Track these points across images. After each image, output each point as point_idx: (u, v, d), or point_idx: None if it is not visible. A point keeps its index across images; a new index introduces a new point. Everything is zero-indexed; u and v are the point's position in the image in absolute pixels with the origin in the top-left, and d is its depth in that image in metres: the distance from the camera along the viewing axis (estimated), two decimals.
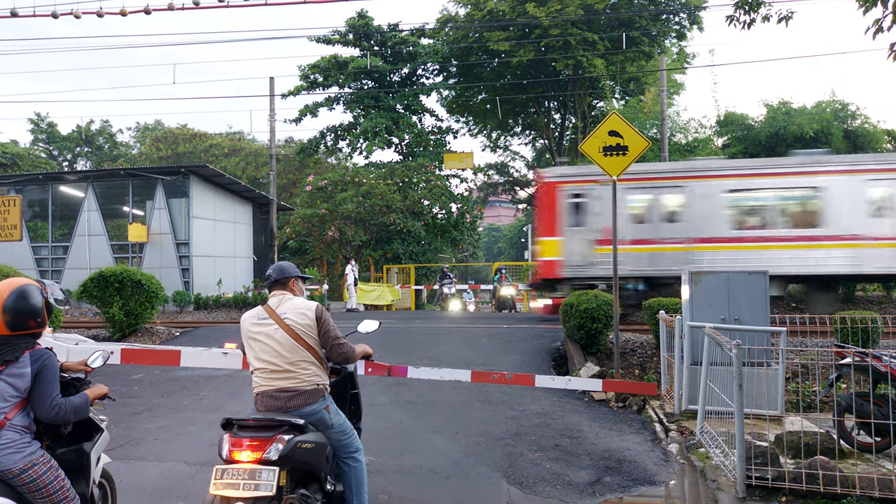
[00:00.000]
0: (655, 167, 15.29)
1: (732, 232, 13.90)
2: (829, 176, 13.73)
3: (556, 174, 15.26)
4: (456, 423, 6.88)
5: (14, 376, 2.96)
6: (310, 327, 3.60)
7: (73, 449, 3.32)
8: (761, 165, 14.69)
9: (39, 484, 2.91)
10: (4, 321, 3.01)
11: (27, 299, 3.07)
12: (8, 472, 2.83)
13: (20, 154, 35.93)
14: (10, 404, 2.93)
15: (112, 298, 11.92)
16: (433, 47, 29.19)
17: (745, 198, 14.20)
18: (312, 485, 3.47)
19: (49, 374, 3.03)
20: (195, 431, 6.47)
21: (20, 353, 3.00)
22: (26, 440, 2.95)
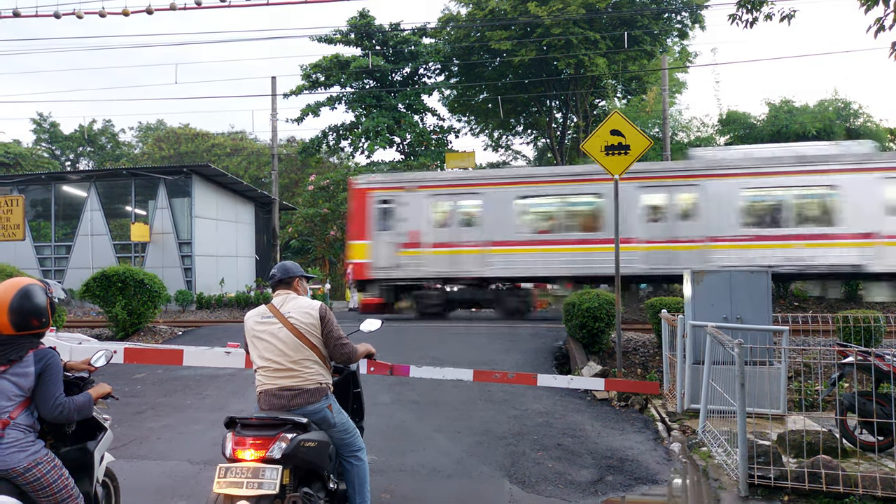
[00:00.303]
0: (457, 175, 16.46)
1: (527, 235, 15.16)
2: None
3: (366, 181, 16.34)
4: (458, 422, 6.88)
5: (18, 375, 2.97)
6: (314, 326, 3.61)
7: (77, 448, 3.34)
8: (546, 174, 16.15)
9: (43, 483, 2.93)
10: (9, 321, 3.02)
11: (31, 299, 3.08)
12: (12, 470, 2.85)
13: (23, 154, 36.01)
14: (13, 403, 2.95)
15: (115, 298, 11.94)
16: (435, 47, 29.19)
17: (536, 203, 15.52)
18: (315, 483, 3.48)
19: (53, 374, 3.05)
20: (198, 430, 6.48)
21: (24, 353, 3.01)
22: (30, 439, 2.97)
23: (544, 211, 15.42)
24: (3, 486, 2.83)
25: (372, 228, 15.59)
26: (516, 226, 15.08)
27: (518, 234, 15.01)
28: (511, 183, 15.32)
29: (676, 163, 17.03)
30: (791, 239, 13.90)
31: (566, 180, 15.27)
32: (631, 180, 13.84)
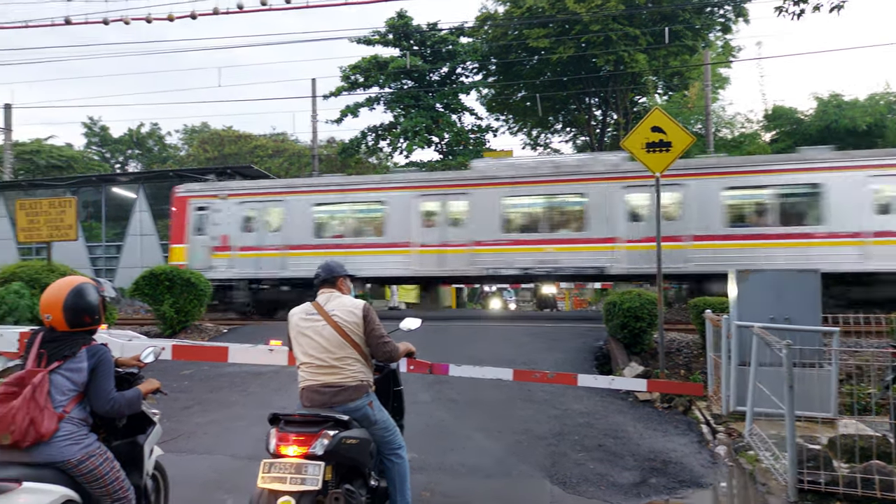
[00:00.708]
0: (262, 184, 17.89)
1: (316, 240, 16.04)
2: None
3: (185, 190, 17.30)
4: (498, 421, 6.87)
5: (72, 371, 3.06)
6: (356, 325, 3.65)
7: (128, 441, 3.44)
8: (338, 183, 16.86)
9: (96, 474, 3.02)
10: (64, 318, 3.13)
11: (84, 297, 3.19)
12: (67, 462, 2.94)
13: (75, 157, 37.26)
14: (68, 398, 3.04)
15: (163, 296, 12.26)
16: (472, 46, 29.15)
17: (329, 210, 16.56)
18: (357, 480, 3.52)
19: (105, 369, 3.14)
20: (243, 426, 6.62)
21: (77, 349, 3.10)
22: (83, 432, 3.06)
23: (338, 217, 16.55)
24: (60, 476, 2.92)
25: (189, 233, 16.73)
26: (312, 231, 16.23)
27: (315, 239, 16.09)
28: (308, 191, 16.63)
29: (453, 172, 18.44)
30: (545, 243, 14.89)
31: (356, 189, 16.53)
32: (411, 189, 15.78)
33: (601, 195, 14.62)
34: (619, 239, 14.42)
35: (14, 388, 2.96)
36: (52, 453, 2.91)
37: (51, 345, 3.11)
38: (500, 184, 15.30)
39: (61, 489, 2.88)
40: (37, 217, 11.28)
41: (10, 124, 25.20)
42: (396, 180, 16.39)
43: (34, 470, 2.82)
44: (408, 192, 15.58)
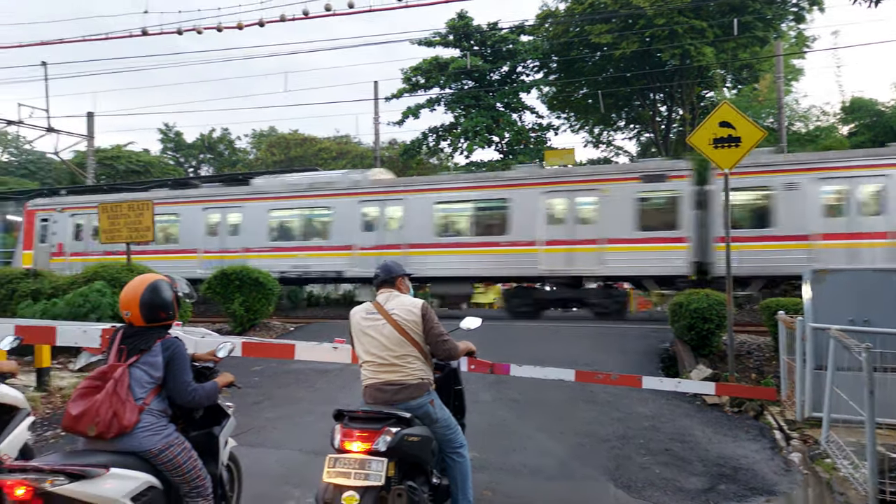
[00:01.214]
0: (90, 199, 19.39)
1: (272, 243, 17.35)
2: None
3: (33, 204, 20.21)
4: (560, 422, 6.81)
5: (148, 364, 3.22)
6: (416, 324, 3.70)
7: (205, 432, 3.61)
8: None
9: (176, 463, 3.17)
10: (140, 314, 3.30)
11: (159, 293, 3.35)
12: (149, 452, 3.10)
13: (151, 162, 39.01)
14: (147, 390, 3.20)
15: (233, 295, 12.70)
16: (533, 44, 28.92)
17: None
18: (419, 477, 3.56)
19: (180, 361, 3.30)
20: (309, 421, 6.79)
21: (152, 343, 3.27)
22: (163, 423, 3.22)
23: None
24: (143, 464, 3.08)
25: (35, 241, 19.66)
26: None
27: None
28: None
29: (235, 187, 19.36)
30: (300, 250, 16.91)
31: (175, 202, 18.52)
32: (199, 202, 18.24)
33: (344, 208, 16.67)
34: (355, 246, 16.37)
35: (97, 383, 3.13)
36: (134, 443, 3.07)
37: (129, 340, 3.29)
38: (269, 198, 17.71)
39: (144, 476, 3.04)
40: (117, 219, 11.89)
41: (93, 132, 26.62)
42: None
43: (120, 457, 2.99)
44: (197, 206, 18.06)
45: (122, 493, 2.88)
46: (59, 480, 2.69)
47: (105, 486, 2.81)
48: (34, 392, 7.79)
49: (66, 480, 2.71)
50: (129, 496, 2.91)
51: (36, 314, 9.62)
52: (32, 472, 2.70)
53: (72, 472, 2.73)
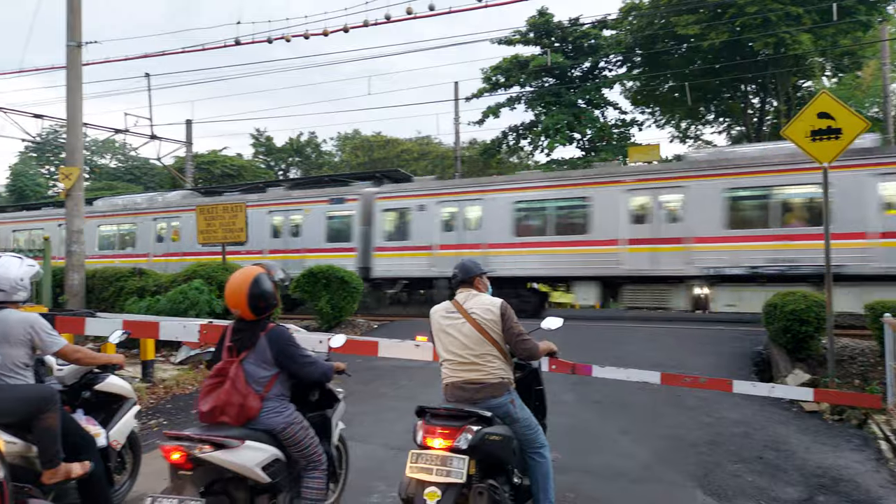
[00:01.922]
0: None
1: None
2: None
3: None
4: (644, 425, 6.65)
5: (259, 359, 3.49)
6: (494, 322, 3.71)
7: (319, 414, 3.97)
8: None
9: (295, 439, 3.51)
10: (249, 307, 3.53)
11: (261, 285, 3.59)
12: (273, 429, 3.46)
13: (244, 166, 40.91)
14: (265, 379, 3.48)
15: (320, 293, 13.14)
16: (616, 38, 28.26)
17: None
18: (500, 476, 3.58)
19: (290, 347, 3.57)
20: (393, 417, 6.94)
21: (256, 338, 3.51)
22: (284, 405, 3.55)
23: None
24: (270, 439, 3.44)
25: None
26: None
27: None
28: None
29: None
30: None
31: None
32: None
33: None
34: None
35: (218, 379, 3.46)
36: (260, 425, 3.43)
37: (238, 336, 3.55)
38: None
39: (272, 449, 3.42)
40: (213, 221, 12.56)
41: (191, 138, 28.20)
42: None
43: (252, 432, 3.37)
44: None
45: (254, 462, 3.28)
46: (206, 448, 3.14)
47: (241, 456, 3.23)
48: (140, 383, 8.36)
49: (212, 448, 3.15)
50: (260, 465, 3.30)
51: (141, 310, 10.30)
52: (185, 440, 3.16)
53: (215, 441, 3.17)
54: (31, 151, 46.61)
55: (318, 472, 3.61)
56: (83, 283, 11.71)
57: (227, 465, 3.21)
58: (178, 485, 3.14)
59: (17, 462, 3.33)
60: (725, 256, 13.58)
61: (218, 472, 3.23)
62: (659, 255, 14.32)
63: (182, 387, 8.72)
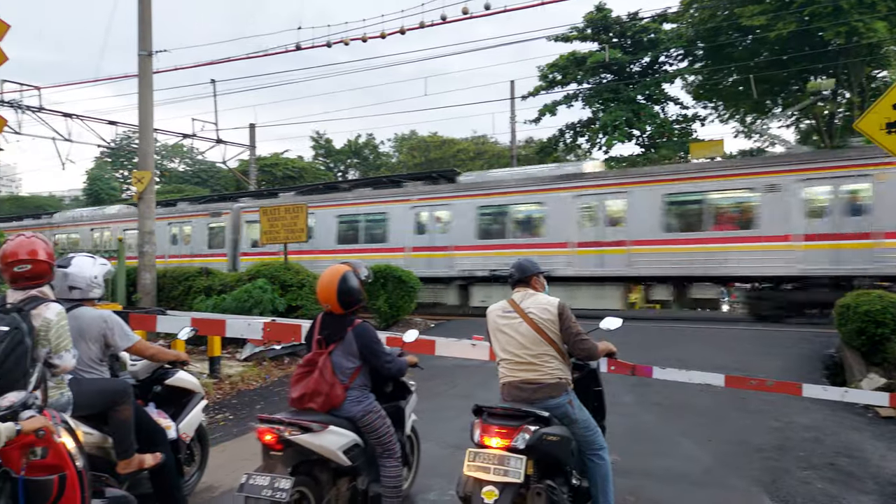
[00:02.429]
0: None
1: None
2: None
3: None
4: (707, 428, 6.48)
5: (345, 352, 3.81)
6: (552, 322, 3.69)
7: (393, 405, 4.24)
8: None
9: (373, 427, 3.82)
10: (338, 303, 3.84)
11: (349, 282, 3.89)
12: (353, 417, 3.77)
13: (305, 168, 41.88)
14: (349, 370, 3.79)
15: (378, 292, 13.32)
16: (677, 31, 27.53)
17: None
18: (559, 477, 3.56)
19: (373, 343, 3.88)
20: (450, 416, 6.97)
21: (344, 332, 3.85)
22: (365, 394, 3.87)
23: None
24: (351, 426, 3.74)
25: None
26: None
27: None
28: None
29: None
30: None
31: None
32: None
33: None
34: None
35: (308, 368, 3.79)
36: (342, 412, 3.74)
37: (326, 330, 3.88)
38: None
39: (352, 435, 3.72)
40: (276, 222, 12.91)
41: (254, 141, 29.03)
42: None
43: (334, 418, 3.68)
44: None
45: (336, 445, 3.59)
46: (295, 431, 3.42)
47: (325, 439, 3.54)
48: (207, 378, 8.68)
49: (299, 431, 3.43)
50: (341, 449, 3.61)
51: (208, 308, 10.69)
52: (276, 423, 3.44)
53: (303, 425, 3.46)
54: (107, 157, 48.95)
55: (393, 460, 3.88)
56: (154, 282, 12.23)
57: (313, 447, 3.48)
58: (269, 464, 3.41)
59: (94, 452, 3.51)
60: (478, 261, 16.45)
61: (304, 453, 3.49)
62: (432, 260, 17.25)
63: (247, 383, 9.01)
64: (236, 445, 6.17)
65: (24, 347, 3.09)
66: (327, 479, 3.64)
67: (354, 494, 3.80)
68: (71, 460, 2.85)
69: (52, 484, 2.76)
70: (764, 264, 13.59)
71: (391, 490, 3.85)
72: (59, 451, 2.82)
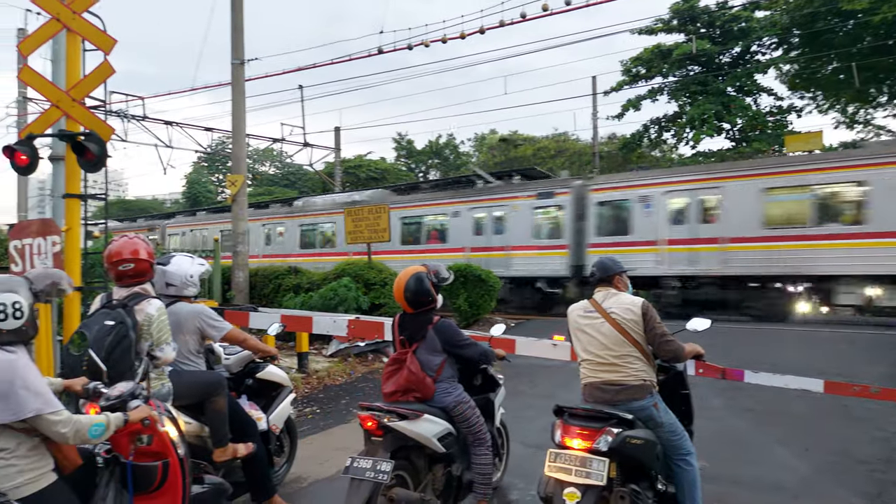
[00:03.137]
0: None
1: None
2: None
3: None
4: (804, 437, 6.14)
5: (429, 349, 3.95)
6: (635, 323, 3.61)
7: (483, 397, 4.39)
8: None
9: (464, 416, 3.96)
10: (407, 302, 3.99)
11: (420, 283, 4.00)
12: (445, 407, 3.93)
13: (387, 169, 42.72)
14: (436, 365, 3.94)
15: (458, 291, 13.42)
16: (770, 19, 26.15)
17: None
18: (643, 482, 3.49)
19: (456, 336, 4.02)
20: (530, 416, 6.94)
21: (425, 331, 3.95)
22: (454, 385, 4.02)
23: None
24: (444, 415, 3.91)
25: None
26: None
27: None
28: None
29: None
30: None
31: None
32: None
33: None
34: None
35: (396, 366, 3.97)
36: (434, 403, 3.90)
37: (405, 329, 4.04)
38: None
39: (445, 423, 3.89)
40: (360, 222, 13.24)
41: (339, 144, 29.85)
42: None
43: (429, 407, 3.86)
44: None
45: (431, 433, 3.76)
46: (393, 418, 3.62)
47: (421, 426, 3.72)
48: (296, 373, 9.03)
49: (397, 419, 3.63)
50: (436, 437, 3.79)
51: (296, 305, 11.10)
52: (376, 410, 3.66)
53: (400, 413, 3.65)
54: (203, 161, 51.70)
55: (485, 449, 4.01)
56: (247, 280, 12.82)
57: (409, 433, 3.67)
58: (370, 448, 3.63)
59: (192, 441, 3.73)
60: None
61: (402, 439, 3.68)
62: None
63: (333, 378, 9.31)
64: (323, 438, 6.39)
65: (129, 341, 3.34)
66: (423, 465, 3.86)
67: (450, 480, 3.98)
68: (173, 448, 3.04)
69: (157, 469, 2.96)
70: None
71: (483, 477, 3.99)
72: (163, 439, 3.02)
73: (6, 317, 2.67)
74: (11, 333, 2.69)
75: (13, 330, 2.70)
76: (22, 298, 2.74)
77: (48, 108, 5.51)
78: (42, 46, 5.95)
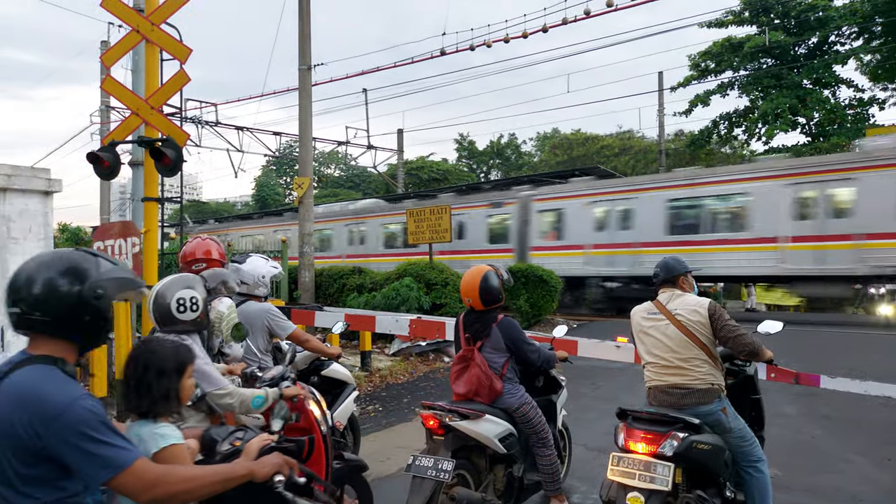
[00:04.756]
0: None
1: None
2: None
3: None
4: (887, 446, 5.82)
5: (493, 346, 3.98)
6: (702, 325, 3.51)
7: (545, 398, 4.41)
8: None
9: (527, 417, 3.98)
10: (479, 299, 4.04)
11: (489, 281, 4.07)
12: (509, 408, 3.96)
13: (449, 170, 42.88)
14: (501, 363, 3.97)
15: (519, 292, 13.37)
16: (850, 7, 24.85)
17: None
18: (710, 489, 3.40)
19: (517, 334, 4.04)
20: (592, 418, 6.86)
21: (489, 329, 4.00)
22: (517, 387, 4.05)
23: None
24: (505, 416, 3.94)
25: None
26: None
27: None
28: None
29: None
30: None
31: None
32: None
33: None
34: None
35: (462, 364, 4.03)
36: (500, 403, 3.95)
37: (471, 327, 4.08)
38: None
39: (507, 424, 3.91)
40: (421, 223, 13.37)
41: (402, 146, 30.20)
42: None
43: (490, 408, 3.90)
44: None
45: (493, 433, 3.79)
46: (454, 418, 3.68)
47: (482, 427, 3.75)
48: (359, 371, 9.20)
49: (458, 418, 3.68)
50: (497, 437, 3.80)
51: (360, 305, 11.32)
52: (438, 409, 3.72)
53: (462, 412, 3.71)
54: (272, 165, 53.32)
55: (548, 449, 4.03)
56: (313, 280, 13.14)
57: (470, 433, 3.70)
58: (432, 447, 3.72)
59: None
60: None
61: (464, 439, 3.73)
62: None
63: (395, 377, 9.44)
64: (386, 435, 6.50)
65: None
66: (484, 465, 3.88)
67: (511, 481, 3.98)
68: (318, 425, 3.27)
69: (304, 444, 3.16)
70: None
71: (550, 476, 4.02)
72: (309, 417, 3.26)
73: (185, 309, 3.07)
74: (190, 323, 3.09)
75: (191, 321, 3.09)
76: (198, 294, 3.13)
77: (128, 115, 5.83)
78: (123, 57, 6.30)
